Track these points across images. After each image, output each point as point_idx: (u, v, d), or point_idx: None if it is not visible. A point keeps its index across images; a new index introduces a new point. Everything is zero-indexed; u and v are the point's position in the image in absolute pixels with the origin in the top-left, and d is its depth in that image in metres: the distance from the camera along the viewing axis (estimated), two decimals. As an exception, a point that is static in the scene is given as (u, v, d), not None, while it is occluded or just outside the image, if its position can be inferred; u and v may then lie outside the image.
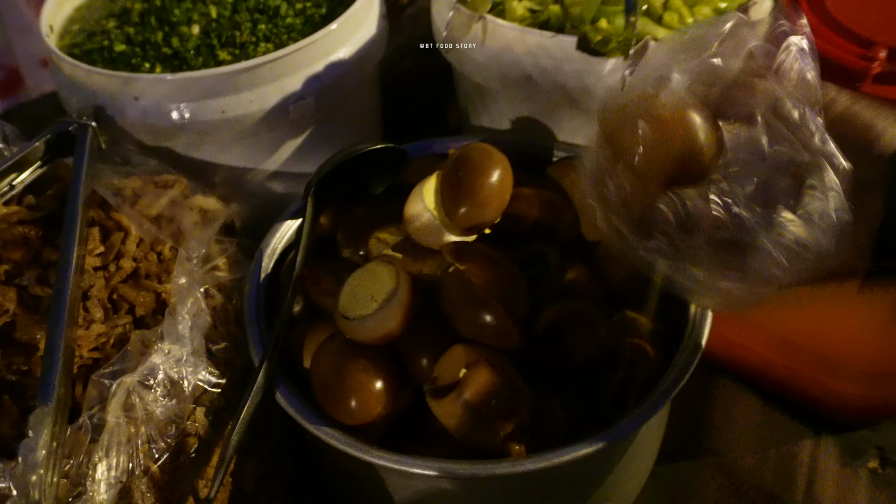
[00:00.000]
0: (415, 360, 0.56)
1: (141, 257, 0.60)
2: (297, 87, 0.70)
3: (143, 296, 0.58)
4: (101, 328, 0.55)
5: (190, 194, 0.66)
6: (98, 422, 0.49)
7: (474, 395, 0.51)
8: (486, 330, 0.53)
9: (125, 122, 0.69)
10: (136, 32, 0.74)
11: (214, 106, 0.68)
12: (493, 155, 0.61)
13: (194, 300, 0.55)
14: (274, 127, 0.71)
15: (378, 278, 0.56)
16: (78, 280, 0.56)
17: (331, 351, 0.56)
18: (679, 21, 0.70)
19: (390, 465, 0.51)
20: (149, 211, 0.62)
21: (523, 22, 0.72)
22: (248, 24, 0.74)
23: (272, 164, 0.75)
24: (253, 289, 0.61)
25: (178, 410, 0.52)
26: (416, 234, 0.60)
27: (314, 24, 0.75)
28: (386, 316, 0.54)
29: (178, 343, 0.53)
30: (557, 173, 0.68)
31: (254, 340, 0.58)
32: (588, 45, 0.68)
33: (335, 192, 0.66)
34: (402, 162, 0.68)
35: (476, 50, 0.72)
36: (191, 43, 0.72)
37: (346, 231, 0.64)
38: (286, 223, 0.67)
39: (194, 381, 0.53)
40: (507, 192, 0.61)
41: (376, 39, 0.77)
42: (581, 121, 0.73)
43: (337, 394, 0.54)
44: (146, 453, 0.50)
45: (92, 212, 0.61)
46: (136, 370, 0.51)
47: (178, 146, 0.71)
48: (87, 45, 0.74)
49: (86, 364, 0.54)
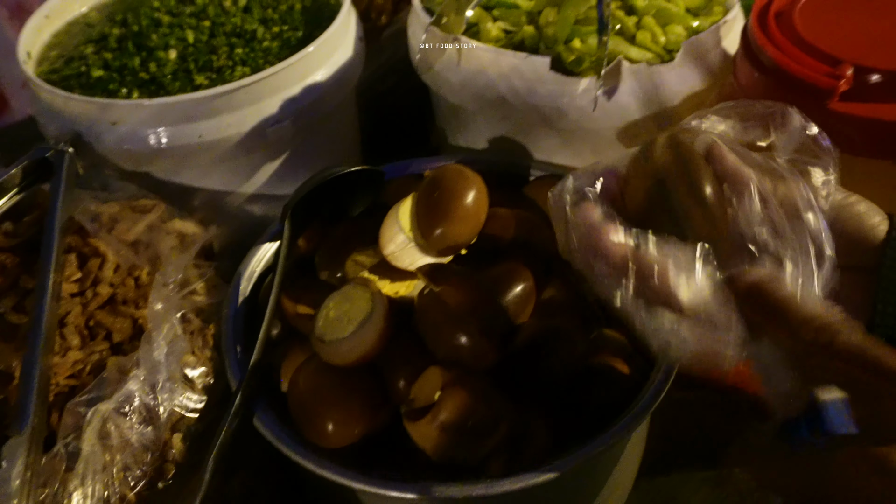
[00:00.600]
0: (391, 381, 0.56)
1: (118, 283, 0.60)
2: (274, 111, 0.70)
3: (120, 322, 0.58)
4: (77, 355, 0.55)
5: (168, 218, 0.66)
6: (73, 450, 0.49)
7: (450, 416, 0.51)
8: (461, 351, 0.54)
9: (103, 147, 0.69)
10: (113, 58, 0.74)
11: (192, 130, 0.68)
12: (467, 176, 0.62)
13: (170, 326, 0.56)
14: (252, 150, 0.71)
15: (354, 301, 0.56)
16: (55, 307, 0.56)
17: (308, 374, 0.56)
18: (652, 40, 0.71)
19: (368, 489, 0.51)
20: (126, 236, 0.62)
21: (497, 43, 0.73)
22: (225, 49, 0.74)
23: (251, 187, 0.75)
24: (231, 313, 0.61)
25: (155, 437, 0.52)
26: (392, 256, 0.60)
27: (291, 48, 0.76)
28: (361, 339, 0.54)
29: (154, 369, 0.53)
30: (534, 192, 0.68)
31: (231, 365, 0.58)
32: (562, 66, 0.69)
33: (313, 214, 0.66)
34: (379, 183, 0.68)
35: (451, 71, 0.73)
36: (168, 68, 0.72)
37: (323, 253, 0.65)
38: (264, 246, 0.67)
39: (171, 408, 0.53)
40: (483, 213, 0.62)
41: (353, 61, 0.78)
42: (557, 140, 0.74)
43: (313, 417, 0.54)
44: (122, 481, 0.50)
45: (69, 238, 0.61)
46: (112, 397, 0.51)
47: (157, 171, 0.71)
48: (65, 71, 0.74)
49: (62, 391, 0.54)
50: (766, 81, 0.61)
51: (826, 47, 0.59)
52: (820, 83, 0.57)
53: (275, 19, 0.79)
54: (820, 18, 0.62)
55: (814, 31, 0.61)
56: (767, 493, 0.71)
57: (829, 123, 0.58)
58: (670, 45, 0.71)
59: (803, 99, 0.58)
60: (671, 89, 0.70)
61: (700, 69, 0.71)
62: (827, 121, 0.58)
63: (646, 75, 0.69)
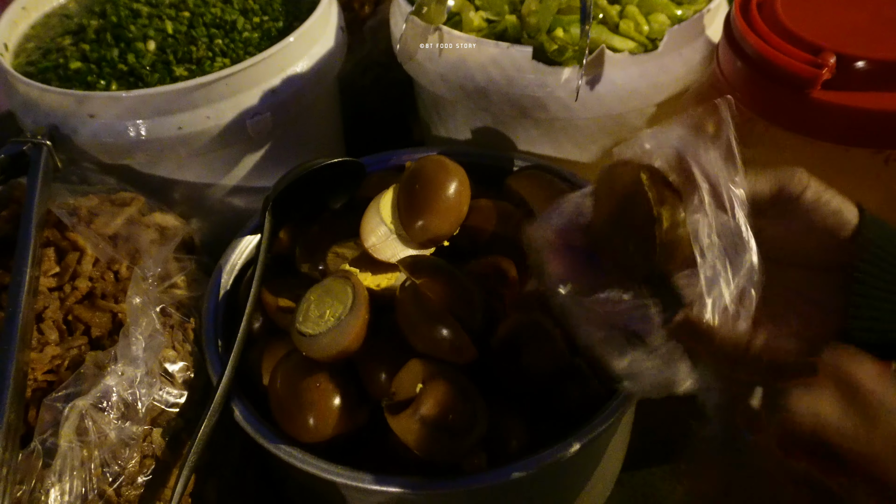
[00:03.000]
0: (372, 375, 0.55)
1: (97, 277, 0.59)
2: (254, 103, 0.70)
3: (99, 316, 0.57)
4: (55, 350, 0.55)
5: (148, 212, 0.65)
6: (51, 446, 0.49)
7: (431, 409, 0.51)
8: (441, 345, 0.53)
9: (81, 140, 0.68)
10: (91, 50, 0.73)
11: (171, 123, 0.68)
12: (449, 167, 0.61)
13: (149, 320, 0.55)
14: (232, 143, 0.71)
15: (334, 295, 0.55)
16: (31, 302, 0.55)
17: (288, 368, 0.55)
18: (635, 29, 0.70)
19: (350, 483, 0.51)
20: (105, 230, 0.61)
21: (480, 33, 0.72)
22: (204, 40, 0.74)
23: (231, 180, 0.74)
24: (211, 307, 0.61)
25: (133, 432, 0.51)
26: (373, 248, 0.60)
27: (271, 38, 0.75)
28: (342, 333, 0.53)
29: (133, 364, 0.52)
30: (517, 183, 0.68)
31: (212, 359, 0.57)
32: (544, 55, 0.68)
33: (294, 207, 0.66)
34: (360, 176, 0.68)
35: (433, 61, 0.72)
36: (146, 59, 0.72)
37: (304, 246, 0.64)
38: (245, 239, 0.66)
39: (149, 403, 0.53)
40: (465, 205, 0.62)
41: (334, 52, 0.77)
42: (539, 130, 0.73)
43: (294, 411, 0.54)
44: (100, 477, 0.49)
45: (47, 232, 0.61)
46: (90, 393, 0.50)
47: (136, 164, 0.71)
48: (43, 64, 0.73)
49: (40, 387, 0.53)
50: (749, 70, 0.61)
51: (808, 36, 0.59)
52: (802, 72, 0.57)
53: (255, 10, 0.78)
54: (802, 7, 0.62)
55: (796, 19, 0.61)
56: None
57: (810, 112, 0.58)
58: (653, 33, 0.71)
59: (785, 87, 0.58)
60: (654, 78, 0.69)
61: (683, 58, 0.70)
62: (809, 109, 0.58)
63: (629, 64, 0.68)
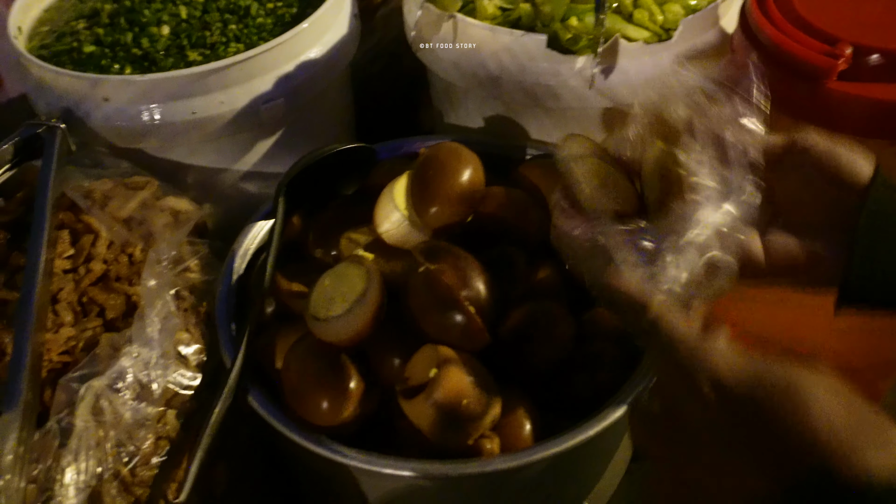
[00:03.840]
0: (384, 361, 0.56)
1: (111, 260, 0.60)
2: (267, 88, 0.70)
3: (114, 298, 0.58)
4: (70, 332, 0.55)
5: (161, 196, 0.66)
6: (66, 426, 0.49)
7: (445, 395, 0.51)
8: (454, 331, 0.53)
9: (95, 123, 0.68)
10: (105, 34, 0.73)
11: (184, 107, 0.68)
12: (463, 154, 0.61)
13: (164, 303, 0.55)
14: (245, 128, 0.71)
15: (348, 279, 0.56)
16: (47, 284, 0.56)
17: (301, 352, 0.56)
18: (649, 19, 0.70)
19: (363, 466, 0.51)
20: (119, 213, 0.62)
21: (494, 21, 0.72)
22: (218, 25, 0.74)
23: (244, 166, 0.74)
24: (224, 290, 0.61)
25: (148, 413, 0.52)
26: (387, 234, 0.60)
27: (285, 24, 0.75)
28: (356, 317, 0.53)
29: (147, 346, 0.53)
30: (529, 171, 0.68)
31: (225, 342, 0.58)
32: (558, 44, 0.68)
33: (307, 193, 0.66)
34: (372, 162, 0.68)
35: (447, 49, 0.72)
36: (160, 44, 0.72)
37: (316, 231, 0.64)
38: (258, 224, 0.67)
39: (164, 384, 0.53)
40: (478, 192, 0.62)
41: (348, 39, 0.77)
42: (552, 119, 0.73)
43: (307, 395, 0.54)
44: (115, 457, 0.50)
45: (61, 215, 0.61)
46: (105, 374, 0.51)
47: (149, 148, 0.71)
48: (56, 47, 0.74)
49: (55, 368, 0.54)
50: (764, 60, 0.60)
51: (824, 26, 0.59)
52: (818, 62, 0.57)
53: (269, -5, 0.78)
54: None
55: (812, 9, 0.61)
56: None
57: (826, 103, 0.58)
58: (668, 23, 0.70)
59: (801, 78, 0.58)
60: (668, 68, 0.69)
61: (698, 48, 0.70)
62: (824, 100, 0.58)
63: (643, 54, 0.68)
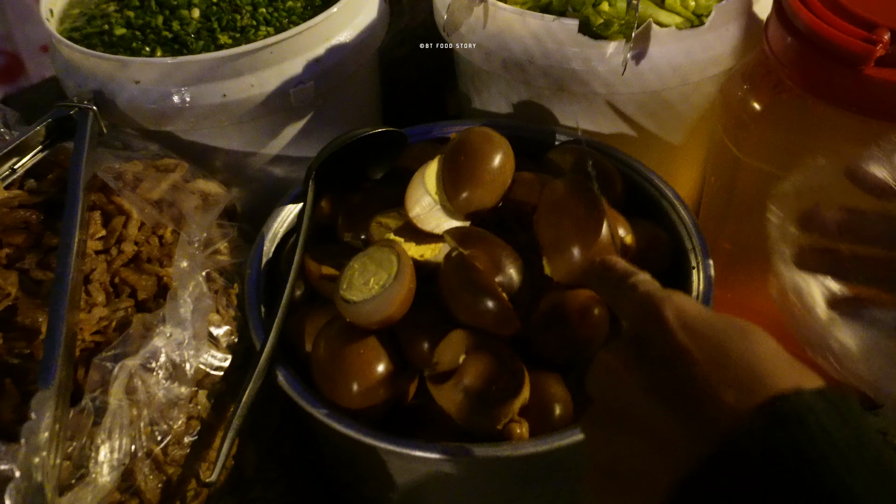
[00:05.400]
0: (414, 345, 0.56)
1: (142, 241, 0.60)
2: (297, 71, 0.70)
3: (145, 279, 0.58)
4: (102, 312, 0.55)
5: (191, 178, 0.66)
6: (100, 405, 0.49)
7: (475, 380, 0.51)
8: (486, 316, 0.53)
9: (125, 105, 0.69)
10: (136, 16, 0.73)
11: (215, 90, 0.68)
12: (494, 139, 0.61)
13: (196, 283, 0.55)
14: (274, 111, 0.71)
15: (379, 262, 0.56)
16: (79, 264, 0.56)
17: (331, 335, 0.56)
18: (681, 4, 0.70)
19: (392, 448, 0.51)
20: (150, 195, 0.62)
21: (525, 5, 0.72)
22: (248, 8, 0.74)
23: (272, 149, 0.74)
24: (254, 273, 0.61)
25: (181, 393, 0.52)
26: (418, 218, 0.60)
27: (315, 8, 0.75)
28: (387, 299, 0.54)
29: (180, 326, 0.53)
30: (559, 157, 0.68)
31: (255, 324, 0.58)
32: (590, 29, 0.68)
33: (336, 176, 0.66)
34: (401, 146, 0.68)
35: (477, 33, 0.72)
36: (191, 27, 0.72)
37: (346, 215, 0.64)
38: (287, 207, 0.67)
39: (196, 364, 0.53)
40: (509, 177, 0.61)
41: (377, 23, 0.77)
42: (580, 105, 0.73)
43: (337, 377, 0.54)
44: (149, 435, 0.50)
45: (93, 196, 0.61)
46: (138, 353, 0.51)
47: (179, 130, 0.71)
48: (87, 30, 0.74)
49: (87, 347, 0.54)
50: (800, 47, 0.60)
51: (862, 11, 0.58)
52: (855, 48, 0.56)
53: (298, -21, 0.78)
54: (855, -18, 0.61)
55: (849, -5, 0.60)
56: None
57: (863, 89, 0.57)
58: (700, 9, 0.70)
59: (838, 64, 0.57)
60: (700, 55, 0.69)
61: (730, 35, 0.70)
62: (861, 86, 0.57)
63: (674, 40, 0.68)
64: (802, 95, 0.61)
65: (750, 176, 0.68)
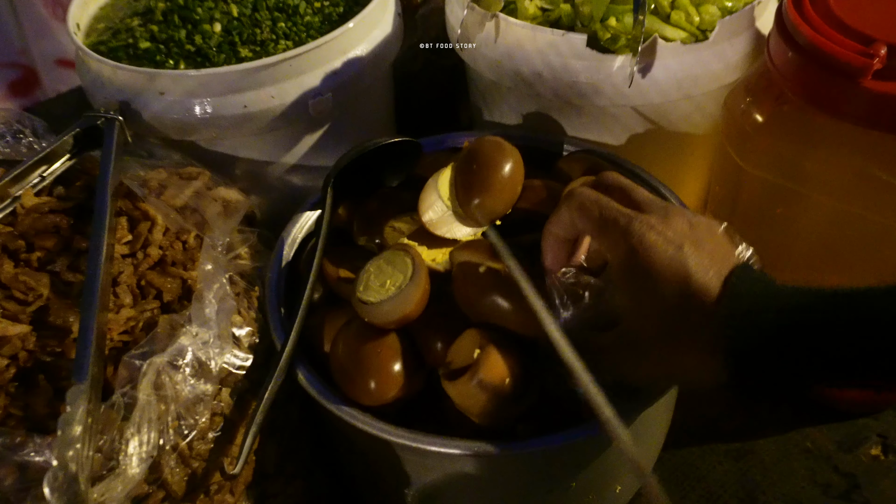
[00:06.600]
0: (429, 344, 0.58)
1: (167, 245, 0.62)
2: (315, 84, 0.72)
3: (170, 282, 0.60)
4: (130, 312, 0.57)
5: (213, 186, 0.68)
6: (129, 400, 0.51)
7: (488, 375, 0.53)
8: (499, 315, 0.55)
9: (150, 116, 0.71)
10: (160, 30, 0.76)
11: (236, 101, 0.70)
12: (505, 148, 0.63)
13: (220, 285, 0.58)
14: (293, 122, 0.73)
15: (395, 265, 0.58)
16: (108, 267, 0.58)
17: (349, 335, 0.58)
18: (686, 20, 0.72)
19: (410, 444, 0.53)
20: (174, 201, 0.64)
21: (535, 20, 0.74)
22: (268, 23, 0.76)
23: (291, 159, 0.77)
24: (274, 276, 0.64)
25: (206, 390, 0.54)
26: (430, 223, 0.62)
27: (332, 23, 0.78)
28: (404, 300, 0.56)
29: (205, 326, 0.55)
30: (568, 166, 0.70)
31: (275, 325, 0.60)
32: (598, 43, 0.70)
33: (352, 184, 0.68)
34: (416, 156, 0.70)
35: (489, 48, 0.74)
36: (213, 40, 0.75)
37: (361, 220, 0.67)
38: (305, 214, 0.69)
39: (220, 363, 0.56)
40: (519, 184, 0.64)
41: (391, 38, 0.79)
42: (588, 118, 0.75)
43: (355, 375, 0.56)
44: (175, 430, 0.52)
45: (119, 202, 0.64)
46: (166, 351, 0.53)
47: (201, 140, 0.74)
48: (113, 43, 0.77)
49: (116, 346, 0.56)
50: (800, 60, 0.62)
51: (860, 26, 0.60)
52: (854, 62, 0.58)
53: (316, -5, 0.81)
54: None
55: (848, 9, 0.62)
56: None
57: (861, 101, 0.59)
58: (704, 24, 0.72)
59: (837, 77, 0.60)
60: (704, 68, 0.71)
61: (733, 49, 0.72)
62: (860, 99, 0.59)
63: (680, 54, 0.70)
64: (803, 107, 0.63)
65: (753, 185, 0.70)
